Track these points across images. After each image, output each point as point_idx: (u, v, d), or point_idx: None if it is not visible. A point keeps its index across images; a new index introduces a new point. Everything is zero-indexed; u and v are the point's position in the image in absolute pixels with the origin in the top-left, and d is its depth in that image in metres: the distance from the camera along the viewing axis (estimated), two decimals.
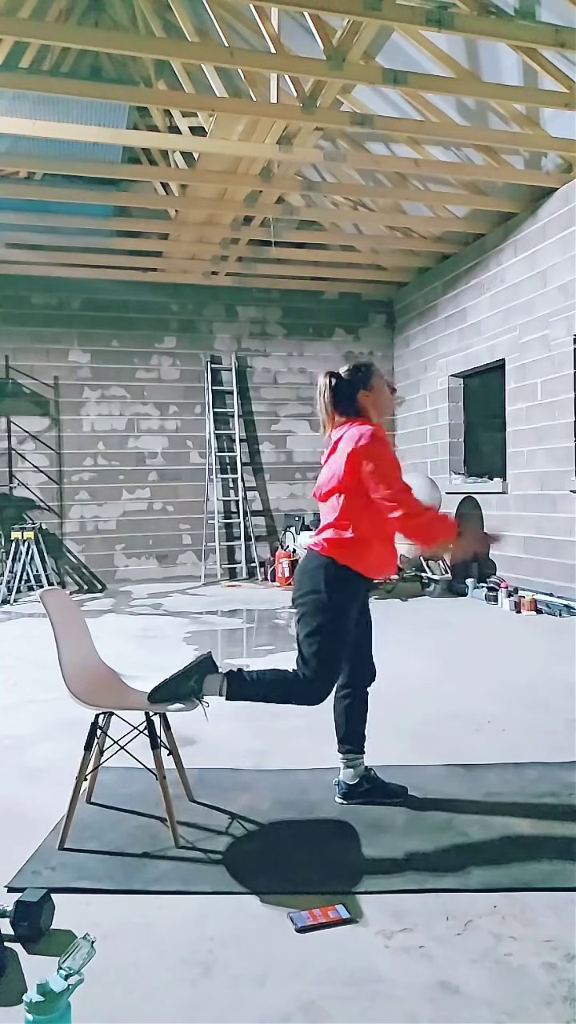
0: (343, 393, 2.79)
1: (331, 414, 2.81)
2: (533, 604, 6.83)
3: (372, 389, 2.80)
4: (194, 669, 2.57)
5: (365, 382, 2.80)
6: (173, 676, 2.55)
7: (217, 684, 2.57)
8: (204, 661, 2.59)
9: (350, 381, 2.80)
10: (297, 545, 9.10)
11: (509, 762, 3.21)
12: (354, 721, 2.86)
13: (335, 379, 2.80)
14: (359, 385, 2.80)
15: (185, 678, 2.56)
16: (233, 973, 1.87)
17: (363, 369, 2.83)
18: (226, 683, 2.58)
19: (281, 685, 2.65)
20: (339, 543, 2.65)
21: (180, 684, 2.55)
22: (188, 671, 2.57)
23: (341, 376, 2.81)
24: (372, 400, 2.80)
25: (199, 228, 8.19)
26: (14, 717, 3.98)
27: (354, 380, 2.80)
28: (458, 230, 8.22)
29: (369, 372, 2.83)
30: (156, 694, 2.52)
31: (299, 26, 5.70)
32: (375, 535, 2.67)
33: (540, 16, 5.10)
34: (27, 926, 1.99)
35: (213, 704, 2.61)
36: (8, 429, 9.25)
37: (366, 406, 2.79)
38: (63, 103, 6.14)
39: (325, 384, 2.80)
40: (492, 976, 1.84)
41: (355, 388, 2.79)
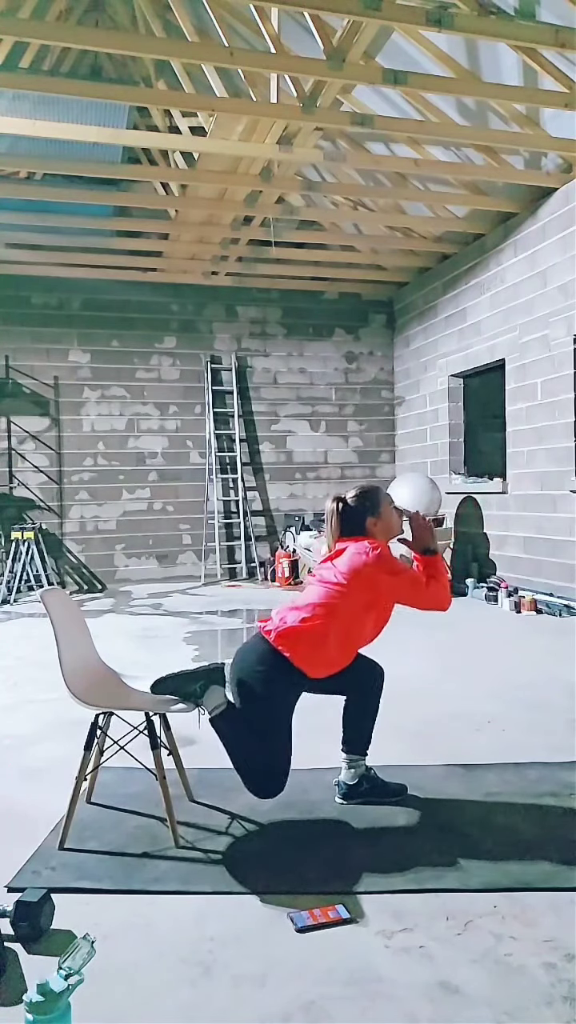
0: (351, 518, 2.80)
1: (337, 538, 2.81)
2: (533, 604, 6.83)
3: (380, 516, 2.81)
4: (203, 674, 2.57)
5: (374, 509, 2.81)
6: (181, 672, 2.58)
7: (216, 701, 2.57)
8: (215, 671, 2.59)
9: (357, 508, 2.81)
10: (297, 545, 9.10)
11: (509, 762, 3.21)
12: (361, 724, 2.86)
13: (343, 504, 2.81)
14: (367, 512, 2.80)
15: (191, 680, 2.56)
16: (233, 973, 1.87)
17: (370, 495, 2.84)
18: (223, 709, 2.57)
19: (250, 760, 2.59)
20: (296, 633, 2.59)
21: (185, 683, 2.56)
22: (196, 673, 2.57)
23: (348, 503, 2.82)
24: (380, 526, 2.81)
25: (199, 228, 8.19)
26: (14, 717, 3.98)
27: (361, 507, 2.81)
28: (458, 230, 8.22)
29: (376, 498, 2.83)
30: (159, 685, 2.54)
31: (299, 26, 5.70)
32: (337, 641, 2.63)
33: (540, 16, 5.09)
34: (27, 926, 1.99)
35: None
36: (8, 429, 9.25)
37: (374, 531, 2.79)
38: (63, 103, 6.14)
39: (333, 510, 2.81)
40: (492, 976, 1.84)
41: (363, 514, 2.80)
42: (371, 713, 2.86)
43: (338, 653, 2.66)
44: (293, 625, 2.61)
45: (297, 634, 2.59)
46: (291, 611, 2.67)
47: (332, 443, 10.43)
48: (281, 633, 2.60)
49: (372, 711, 2.86)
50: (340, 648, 2.65)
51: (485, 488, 8.23)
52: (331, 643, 2.61)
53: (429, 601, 2.70)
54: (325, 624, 2.60)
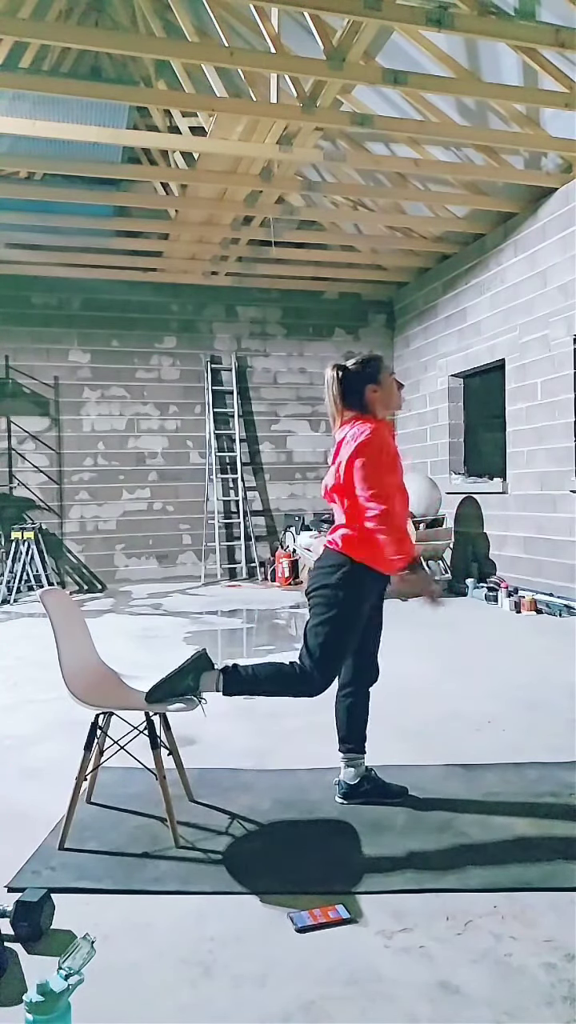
0: (351, 386, 2.77)
1: (339, 407, 2.79)
2: (533, 604, 6.83)
3: (380, 383, 2.79)
4: (190, 667, 2.57)
5: (373, 376, 2.78)
6: (169, 675, 2.55)
7: (213, 681, 2.57)
8: (200, 659, 2.59)
9: (358, 374, 2.78)
10: (297, 545, 9.10)
11: (509, 762, 3.21)
12: (356, 721, 2.86)
13: (343, 372, 2.78)
14: (367, 379, 2.78)
15: (181, 676, 2.56)
16: (233, 973, 1.87)
17: (371, 362, 2.81)
18: (222, 679, 2.58)
19: (278, 678, 2.65)
20: (350, 541, 2.66)
21: (177, 682, 2.55)
22: (184, 669, 2.57)
23: (349, 369, 2.79)
24: (380, 395, 2.78)
25: (199, 228, 8.18)
26: (14, 717, 3.98)
27: (362, 373, 2.78)
28: (458, 230, 8.21)
29: (378, 366, 2.81)
30: (153, 694, 2.52)
31: (299, 26, 5.70)
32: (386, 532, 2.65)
33: (540, 16, 5.09)
34: (27, 926, 1.99)
35: (212, 703, 2.61)
36: (8, 429, 9.25)
37: (373, 400, 2.77)
38: (63, 103, 6.14)
39: (333, 377, 2.78)
40: (492, 976, 1.84)
41: (363, 381, 2.77)
42: (364, 710, 2.88)
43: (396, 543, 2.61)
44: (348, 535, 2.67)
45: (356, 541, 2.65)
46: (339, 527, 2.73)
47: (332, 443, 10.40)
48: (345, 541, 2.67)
49: (364, 708, 2.89)
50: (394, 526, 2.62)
51: (485, 488, 8.23)
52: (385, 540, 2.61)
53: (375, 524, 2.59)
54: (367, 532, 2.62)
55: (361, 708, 2.87)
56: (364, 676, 2.87)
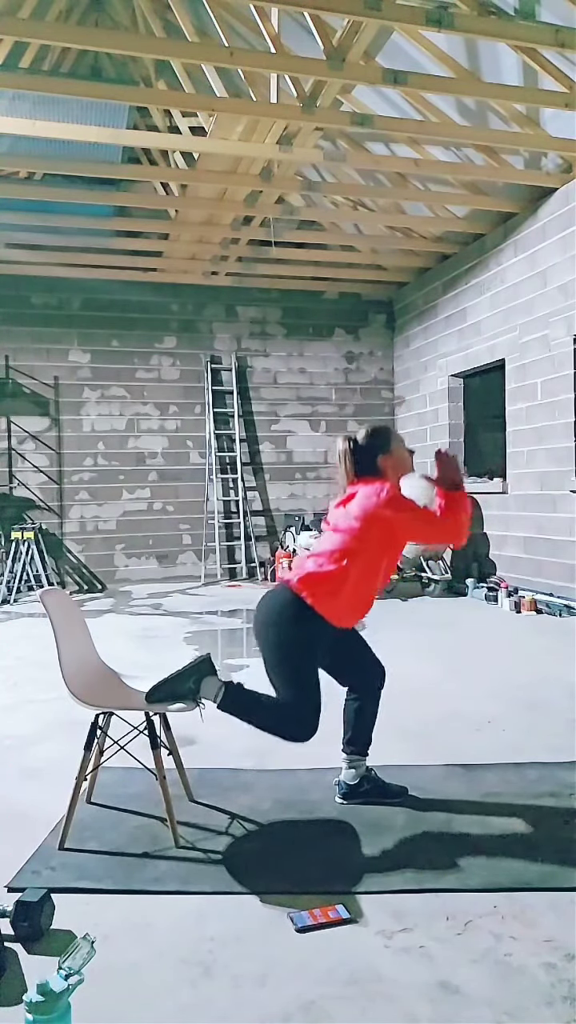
0: (362, 457, 2.80)
1: (350, 477, 2.80)
2: (533, 604, 6.83)
3: (391, 453, 2.81)
4: (192, 670, 2.57)
5: (384, 446, 2.81)
6: (170, 676, 2.55)
7: (214, 689, 2.57)
8: (203, 663, 2.59)
9: (368, 445, 2.81)
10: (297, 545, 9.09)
11: (509, 762, 3.21)
12: (363, 723, 2.86)
13: (353, 444, 2.81)
14: (378, 450, 2.80)
15: (183, 679, 2.56)
16: (233, 973, 1.87)
17: (381, 433, 2.85)
18: (223, 692, 2.58)
19: (273, 713, 2.63)
20: (316, 578, 2.61)
21: (177, 684, 2.55)
22: (186, 672, 2.57)
23: (359, 441, 2.82)
24: (391, 463, 2.81)
25: (199, 228, 8.18)
26: (14, 717, 3.98)
27: (372, 444, 2.81)
28: (458, 230, 8.21)
29: (387, 436, 2.85)
30: (154, 694, 2.52)
31: (299, 26, 5.70)
32: (355, 583, 2.63)
33: (540, 16, 5.09)
34: (27, 926, 1.99)
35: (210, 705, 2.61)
36: (8, 429, 9.25)
37: (385, 468, 2.79)
38: (63, 103, 6.14)
39: (345, 449, 2.81)
40: (492, 976, 1.84)
41: (374, 452, 2.80)
42: (372, 712, 2.87)
43: (357, 598, 2.66)
44: (312, 571, 2.63)
45: (317, 579, 2.61)
46: (309, 559, 2.69)
47: (332, 443, 10.39)
48: (302, 579, 2.62)
49: (373, 711, 2.87)
50: (358, 593, 2.66)
51: (485, 488, 8.22)
52: (348, 586, 2.62)
53: (444, 534, 2.71)
54: (343, 568, 2.61)
55: (369, 711, 2.86)
56: (366, 681, 2.86)
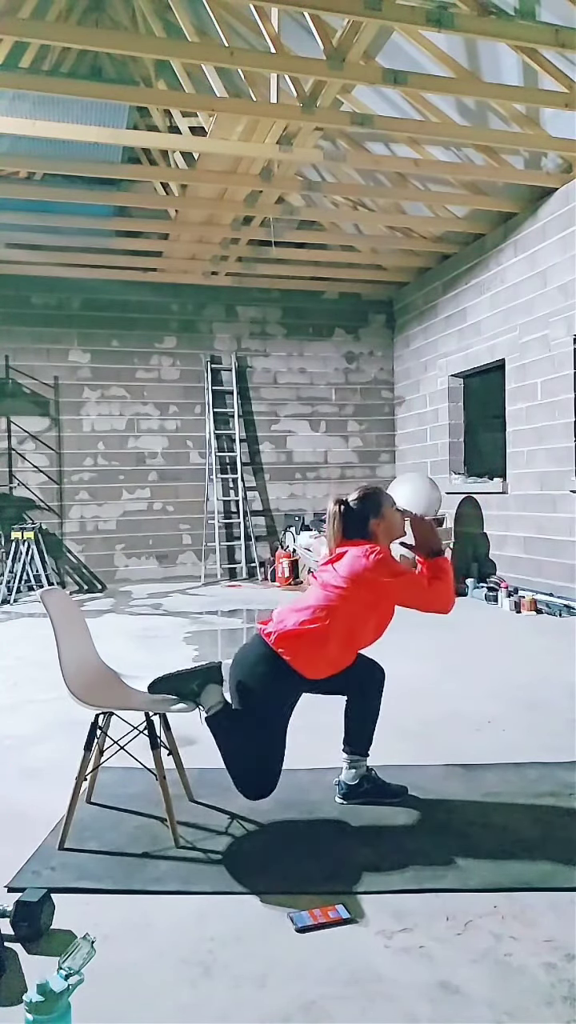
0: (353, 520, 2.79)
1: (339, 540, 2.79)
2: (533, 604, 6.83)
3: (383, 517, 2.80)
4: (200, 673, 2.57)
5: (376, 510, 2.80)
6: (179, 672, 2.57)
7: (213, 700, 2.58)
8: (212, 670, 2.60)
9: (359, 509, 2.80)
10: (297, 545, 9.10)
11: (509, 762, 3.21)
12: (363, 723, 2.85)
13: (344, 507, 2.80)
14: (369, 513, 2.79)
15: (188, 679, 2.56)
16: (233, 973, 1.87)
17: (372, 497, 2.83)
18: (219, 708, 2.58)
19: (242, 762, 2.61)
20: (296, 634, 2.59)
21: (182, 683, 2.56)
22: (194, 673, 2.57)
23: (350, 505, 2.81)
24: (383, 527, 2.79)
25: (199, 228, 8.19)
26: (14, 717, 3.97)
27: (363, 508, 2.80)
28: (458, 230, 8.21)
29: (379, 499, 2.83)
30: (157, 685, 2.54)
31: (299, 26, 5.70)
32: (338, 642, 2.62)
33: (540, 16, 5.09)
34: (27, 926, 1.99)
35: None
36: (8, 429, 9.25)
37: (376, 532, 2.78)
38: (63, 103, 6.14)
39: (335, 512, 2.79)
40: (492, 976, 1.84)
41: (365, 516, 2.79)
42: (373, 713, 2.86)
43: (339, 655, 2.65)
44: (293, 628, 2.61)
45: (297, 636, 2.59)
46: (292, 613, 2.67)
47: (332, 443, 10.43)
48: (281, 635, 2.60)
49: (374, 711, 2.86)
50: (341, 650, 2.65)
51: (485, 488, 8.23)
52: (332, 645, 2.61)
53: (431, 603, 2.70)
54: (325, 627, 2.60)
55: (371, 710, 2.85)
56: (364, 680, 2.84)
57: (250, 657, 2.65)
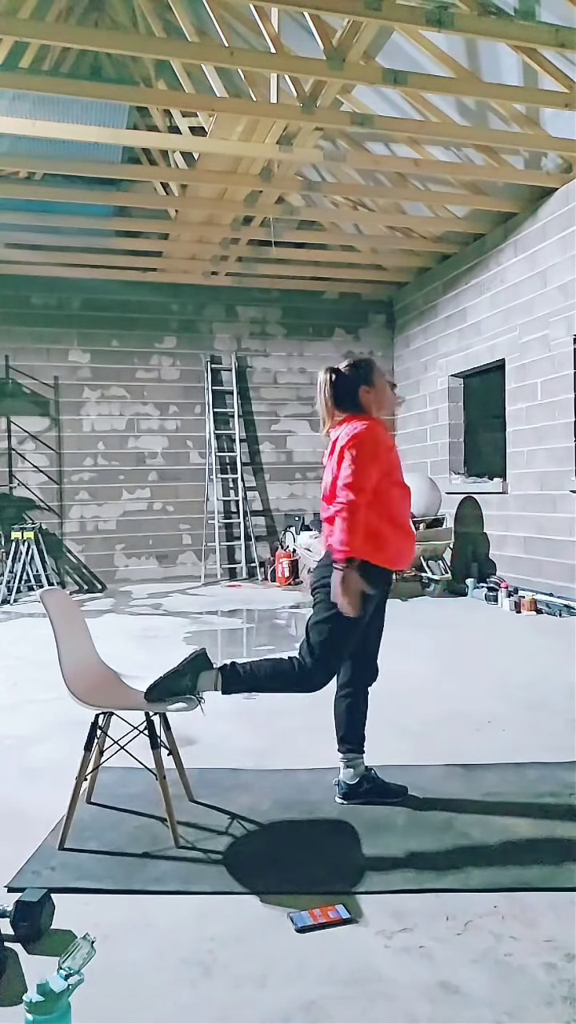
0: (344, 389, 2.77)
1: (331, 410, 2.78)
2: (533, 604, 6.83)
3: (373, 385, 2.79)
4: (187, 667, 2.57)
5: (367, 378, 2.78)
6: (167, 674, 2.55)
7: (212, 680, 2.58)
8: (197, 658, 2.59)
9: (351, 376, 2.78)
10: (297, 545, 9.10)
11: (509, 762, 3.21)
12: (355, 721, 2.86)
13: (335, 375, 2.78)
14: (360, 380, 2.77)
15: (179, 676, 2.56)
16: (233, 973, 1.87)
17: (364, 365, 2.82)
18: (220, 678, 2.59)
19: (278, 675, 2.66)
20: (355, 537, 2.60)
21: (175, 682, 2.55)
22: (182, 668, 2.57)
23: (341, 371, 2.79)
24: (374, 396, 2.78)
25: (199, 228, 8.18)
26: (14, 717, 3.98)
27: (355, 375, 2.78)
28: (458, 230, 8.21)
29: (370, 368, 2.81)
30: (151, 692, 2.52)
31: (299, 26, 5.70)
32: (387, 526, 2.66)
33: (540, 16, 5.09)
34: (27, 926, 1.99)
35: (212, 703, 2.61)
36: (8, 429, 9.25)
37: (367, 402, 2.77)
38: (63, 103, 6.14)
39: (325, 380, 2.78)
40: (492, 976, 1.84)
41: (356, 383, 2.77)
42: (362, 709, 2.88)
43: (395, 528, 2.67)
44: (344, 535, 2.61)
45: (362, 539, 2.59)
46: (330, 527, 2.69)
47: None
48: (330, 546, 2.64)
49: (364, 708, 2.88)
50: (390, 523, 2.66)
51: (485, 488, 8.23)
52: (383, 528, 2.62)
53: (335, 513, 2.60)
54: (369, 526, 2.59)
55: (360, 708, 2.87)
56: (363, 676, 2.86)
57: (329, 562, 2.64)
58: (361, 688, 2.87)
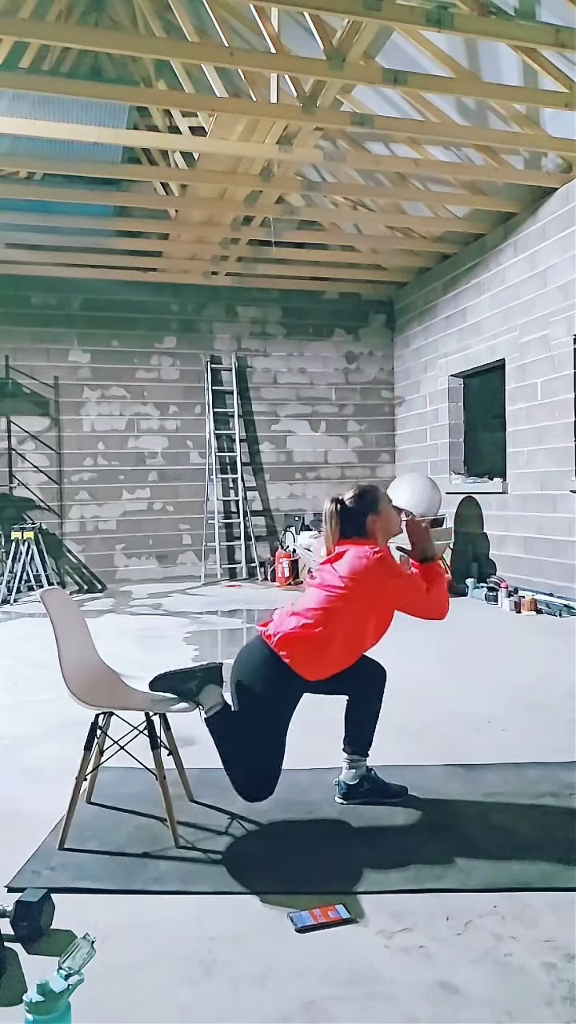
0: (350, 517, 2.79)
1: (336, 538, 2.79)
2: (533, 604, 6.83)
3: (379, 513, 2.80)
4: (200, 673, 2.57)
5: (373, 507, 2.80)
6: (178, 671, 2.58)
7: (212, 700, 2.58)
8: (213, 671, 2.60)
9: (356, 507, 2.80)
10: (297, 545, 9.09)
11: (509, 762, 3.21)
12: (363, 723, 2.85)
13: (341, 505, 2.80)
14: (366, 509, 2.79)
15: (187, 678, 2.57)
16: (233, 973, 1.87)
17: (369, 493, 2.83)
18: (218, 709, 2.58)
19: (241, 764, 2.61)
20: (297, 636, 2.58)
21: (181, 681, 2.56)
22: (193, 672, 2.58)
23: (346, 503, 2.81)
24: (380, 523, 2.80)
25: (199, 228, 8.18)
26: (14, 717, 3.97)
27: (361, 505, 2.80)
28: (458, 230, 8.21)
29: (375, 497, 2.83)
30: (157, 683, 2.55)
31: (299, 26, 5.70)
32: (340, 644, 2.62)
33: (540, 16, 5.09)
34: (27, 926, 1.99)
35: None
36: (8, 429, 9.25)
37: (374, 530, 2.79)
38: (63, 103, 6.14)
39: (332, 510, 2.79)
40: (492, 976, 1.84)
41: (362, 512, 2.79)
42: (373, 713, 2.86)
43: (340, 656, 2.65)
44: (294, 630, 2.60)
45: (298, 639, 2.59)
46: (292, 616, 2.66)
47: (332, 443, 10.43)
48: (282, 638, 2.60)
49: (374, 711, 2.86)
50: (342, 652, 2.65)
51: (485, 488, 8.23)
52: (333, 648, 2.61)
53: (429, 607, 2.70)
54: (326, 629, 2.59)
55: (371, 710, 2.85)
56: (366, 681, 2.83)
57: (251, 659, 2.64)
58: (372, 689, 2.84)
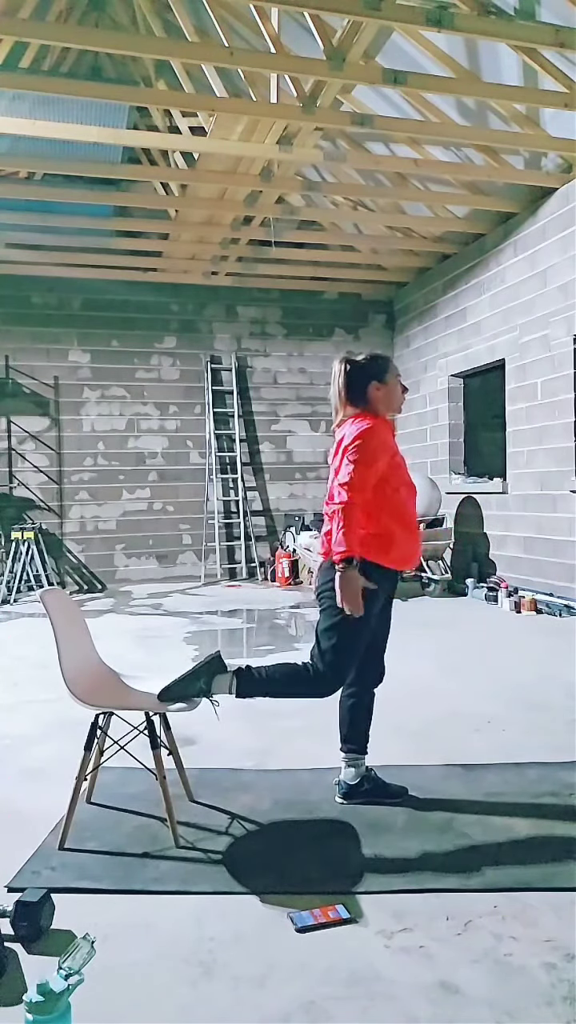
0: (355, 380, 2.77)
1: (343, 401, 2.79)
2: (533, 604, 6.83)
3: (384, 382, 2.80)
4: (203, 669, 2.57)
5: (380, 374, 2.79)
6: (183, 676, 2.56)
7: (227, 683, 2.59)
8: (213, 661, 2.60)
9: (364, 369, 2.79)
10: (297, 545, 9.10)
11: (509, 762, 3.21)
12: (359, 721, 2.86)
13: (350, 365, 2.79)
14: (372, 375, 2.78)
15: (195, 678, 2.56)
16: (233, 973, 1.87)
17: (379, 360, 2.83)
18: (235, 681, 2.59)
19: (291, 679, 2.66)
20: (360, 540, 2.59)
21: (190, 684, 2.55)
22: (197, 671, 2.57)
23: (356, 363, 2.80)
24: (383, 393, 2.79)
25: (199, 228, 8.18)
26: (14, 717, 3.97)
27: (368, 369, 2.79)
28: (458, 230, 8.21)
29: (385, 364, 2.83)
30: (166, 694, 2.53)
31: (299, 26, 5.70)
32: (397, 526, 2.67)
33: (540, 16, 5.09)
34: (27, 926, 1.99)
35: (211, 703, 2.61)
36: (8, 429, 9.25)
37: (376, 398, 2.78)
38: (63, 103, 6.14)
39: (340, 370, 2.79)
40: (492, 976, 1.84)
41: (368, 377, 2.78)
42: (368, 710, 2.88)
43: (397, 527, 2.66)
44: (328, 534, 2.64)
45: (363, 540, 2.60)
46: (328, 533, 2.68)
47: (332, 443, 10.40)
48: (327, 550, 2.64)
49: (369, 708, 2.88)
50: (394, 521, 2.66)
51: (485, 488, 8.23)
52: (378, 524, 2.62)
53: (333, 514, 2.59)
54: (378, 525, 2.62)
55: (365, 709, 2.87)
56: (369, 676, 2.85)
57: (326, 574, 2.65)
58: (367, 689, 2.86)
